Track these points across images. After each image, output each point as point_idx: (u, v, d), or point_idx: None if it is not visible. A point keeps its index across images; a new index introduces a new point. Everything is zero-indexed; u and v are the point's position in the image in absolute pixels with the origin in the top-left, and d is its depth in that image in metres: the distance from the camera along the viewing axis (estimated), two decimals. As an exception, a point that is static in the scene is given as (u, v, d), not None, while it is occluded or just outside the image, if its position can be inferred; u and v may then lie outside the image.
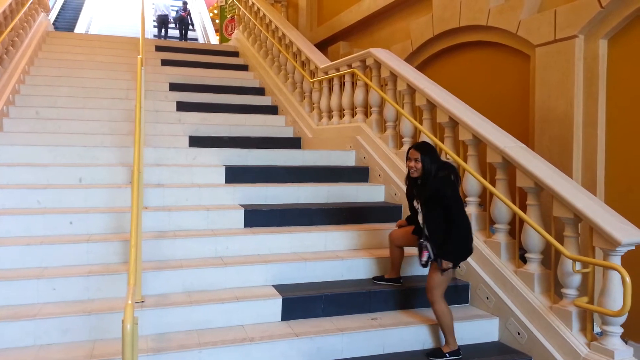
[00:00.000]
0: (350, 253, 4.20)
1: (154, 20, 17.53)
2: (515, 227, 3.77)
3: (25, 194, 4.15)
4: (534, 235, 3.52)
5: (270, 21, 8.30)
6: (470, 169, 4.00)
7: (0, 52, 6.25)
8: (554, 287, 3.45)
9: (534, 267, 3.57)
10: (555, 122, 4.49)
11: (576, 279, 3.27)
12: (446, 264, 3.27)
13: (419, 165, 3.38)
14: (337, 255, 4.10)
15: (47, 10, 9.31)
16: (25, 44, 7.44)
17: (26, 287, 3.28)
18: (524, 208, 3.60)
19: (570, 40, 4.35)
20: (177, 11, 16.99)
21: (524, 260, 3.69)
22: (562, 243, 3.28)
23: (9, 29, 6.45)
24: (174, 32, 17.37)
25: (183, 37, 16.94)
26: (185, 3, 17.17)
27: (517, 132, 4.28)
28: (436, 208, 3.33)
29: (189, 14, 17.48)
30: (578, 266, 3.18)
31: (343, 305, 3.64)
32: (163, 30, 16.79)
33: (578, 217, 3.22)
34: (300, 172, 5.26)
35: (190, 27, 18.36)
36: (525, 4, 4.78)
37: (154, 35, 17.55)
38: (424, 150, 3.44)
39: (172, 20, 17.12)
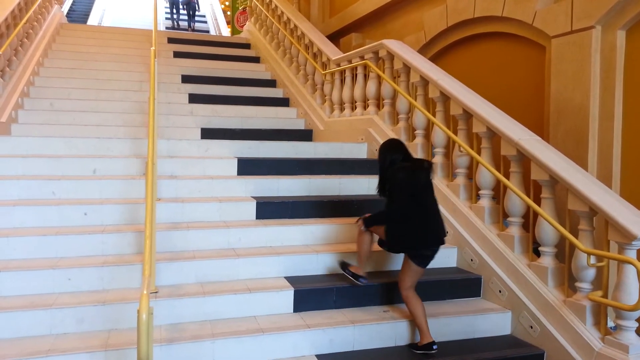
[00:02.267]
0: (362, 245, 4.19)
1: (166, 7, 19.01)
2: (529, 220, 3.74)
3: (41, 185, 4.19)
4: (548, 229, 3.49)
5: (282, 13, 8.27)
6: (484, 162, 3.96)
7: (15, 44, 6.31)
8: (568, 281, 3.42)
9: (547, 260, 3.55)
10: (570, 115, 4.44)
11: (590, 273, 3.24)
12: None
13: None
14: (348, 248, 4.09)
15: (61, 3, 9.37)
16: (40, 36, 7.50)
17: (42, 277, 3.32)
18: (538, 201, 3.56)
19: (587, 31, 4.28)
20: None
21: (537, 254, 3.67)
22: (576, 236, 3.25)
23: (23, 21, 6.50)
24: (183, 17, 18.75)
25: (191, 19, 18.30)
26: None
27: (531, 124, 4.23)
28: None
29: None
30: (593, 260, 3.15)
31: (355, 297, 3.64)
32: (174, 10, 18.32)
33: (593, 211, 3.18)
34: (312, 164, 5.25)
35: (198, 10, 19.70)
36: (542, -6, 4.71)
37: (166, 17, 18.89)
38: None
39: (182, 6, 18.35)
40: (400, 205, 3.37)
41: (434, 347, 3.26)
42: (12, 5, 6.23)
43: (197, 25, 19.33)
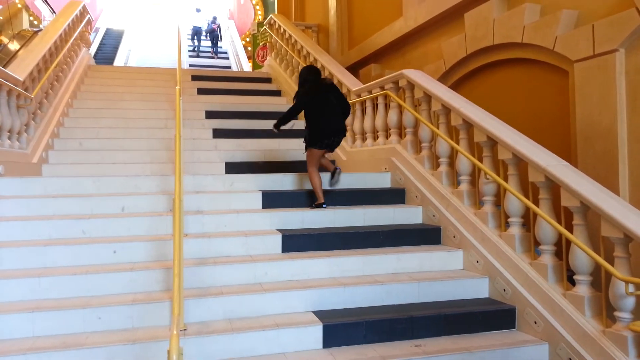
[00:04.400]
0: (390, 277, 4.14)
1: (189, 36, 21.00)
2: (562, 248, 3.64)
3: (71, 224, 4.27)
4: (583, 257, 3.39)
5: (302, 47, 8.44)
6: (512, 189, 3.90)
7: (46, 87, 6.54)
8: (606, 310, 3.30)
9: (583, 289, 3.43)
10: (598, 139, 4.36)
11: (630, 302, 3.12)
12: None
13: None
14: (376, 280, 4.04)
15: (89, 45, 9.73)
16: (69, 78, 7.77)
17: (73, 317, 3.35)
18: (569, 228, 3.48)
19: (610, 55, 4.24)
20: (208, 24, 20.48)
21: (572, 282, 3.56)
22: (612, 264, 3.15)
23: (53, 65, 6.76)
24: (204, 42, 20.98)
25: (214, 46, 20.51)
26: (215, 17, 20.62)
27: (558, 149, 4.18)
28: None
29: (218, 26, 20.91)
30: (631, 288, 3.03)
31: (385, 332, 3.57)
32: (196, 38, 20.33)
33: (628, 237, 3.09)
34: (336, 195, 5.24)
35: (220, 39, 21.73)
36: (561, 20, 4.70)
37: (189, 50, 20.61)
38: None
39: (206, 34, 20.49)
40: (294, 109, 5.15)
41: (324, 205, 4.95)
42: (43, 50, 6.50)
43: (219, 62, 20.06)
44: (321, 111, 5.03)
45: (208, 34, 20.73)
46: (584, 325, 3.30)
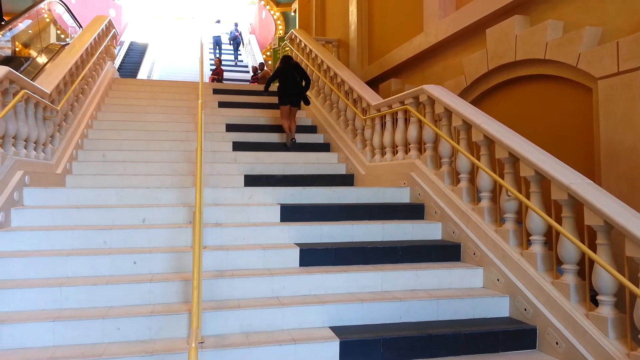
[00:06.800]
0: (408, 294, 4.09)
1: (210, 50, 22.20)
2: (585, 267, 3.57)
3: (93, 235, 4.33)
4: (606, 277, 3.31)
5: (322, 61, 8.49)
6: (534, 207, 3.84)
7: (71, 100, 6.69)
8: (631, 333, 3.21)
9: (607, 310, 3.35)
10: (623, 157, 4.28)
11: (656, 325, 3.04)
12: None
13: None
14: (394, 296, 4.00)
15: (113, 59, 9.94)
16: (94, 91, 7.94)
17: (93, 327, 3.38)
18: (593, 247, 3.41)
19: (635, 72, 4.18)
20: (231, 32, 22.69)
21: (595, 302, 3.48)
22: (637, 285, 3.07)
23: (79, 78, 6.91)
24: (225, 55, 22.43)
25: (235, 51, 22.74)
26: (236, 24, 23.11)
27: (581, 167, 4.11)
28: None
29: (240, 34, 23.20)
30: (658, 311, 2.96)
31: (402, 350, 3.53)
32: (217, 48, 21.87)
33: (655, 258, 3.01)
34: (354, 209, 5.23)
35: (242, 45, 24.11)
36: (585, 37, 4.65)
37: (210, 59, 21.42)
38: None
39: (229, 41, 22.60)
40: (271, 79, 7.85)
41: (286, 144, 7.48)
42: (70, 64, 6.66)
43: (239, 75, 20.40)
44: (285, 80, 7.70)
45: (231, 41, 22.59)
46: (607, 348, 3.22)
